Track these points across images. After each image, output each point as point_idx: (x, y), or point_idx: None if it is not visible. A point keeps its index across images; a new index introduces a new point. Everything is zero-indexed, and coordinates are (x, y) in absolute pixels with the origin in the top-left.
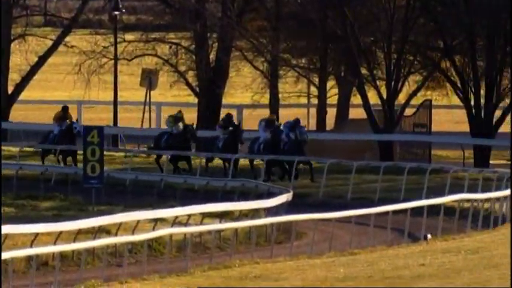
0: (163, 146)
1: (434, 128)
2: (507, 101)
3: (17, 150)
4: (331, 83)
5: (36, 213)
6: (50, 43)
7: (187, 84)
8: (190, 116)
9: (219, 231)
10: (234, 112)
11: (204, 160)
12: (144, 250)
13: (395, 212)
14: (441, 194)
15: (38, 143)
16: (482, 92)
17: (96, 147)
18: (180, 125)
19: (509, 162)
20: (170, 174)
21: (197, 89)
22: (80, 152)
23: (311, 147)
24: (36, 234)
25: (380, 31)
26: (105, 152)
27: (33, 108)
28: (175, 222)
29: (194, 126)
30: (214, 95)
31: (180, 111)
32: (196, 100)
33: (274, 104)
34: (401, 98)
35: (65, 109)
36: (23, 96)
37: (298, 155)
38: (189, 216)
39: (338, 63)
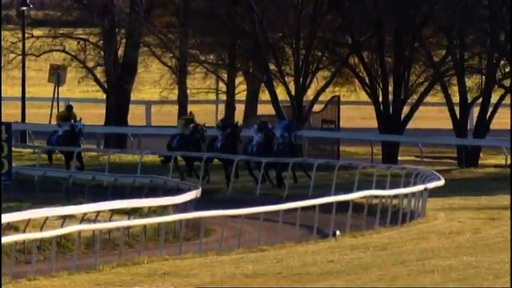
0: (176, 148)
1: (342, 124)
2: (415, 97)
3: None
4: (239, 78)
5: None
6: None
7: (96, 80)
8: (98, 112)
9: (127, 228)
10: (142, 109)
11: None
12: (53, 247)
13: (304, 208)
14: (350, 190)
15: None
16: (390, 88)
17: (4, 144)
18: (190, 127)
19: (418, 159)
20: (78, 171)
21: (105, 85)
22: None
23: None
24: None
25: (288, 27)
26: (13, 149)
27: None
28: (84, 219)
29: (204, 127)
30: (122, 91)
31: (191, 113)
32: (104, 96)
33: (182, 100)
34: (310, 94)
35: (69, 108)
36: None
37: (292, 157)
38: (98, 212)
39: (246, 59)
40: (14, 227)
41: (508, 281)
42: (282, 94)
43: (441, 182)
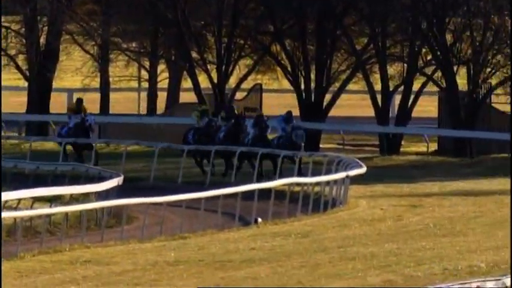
0: (191, 142)
1: (265, 112)
2: (337, 84)
3: None
4: (161, 66)
5: None
6: None
7: (17, 68)
8: (20, 100)
9: (49, 216)
10: (64, 96)
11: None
12: None
13: (226, 195)
14: (272, 177)
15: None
16: (313, 76)
17: None
18: (205, 119)
19: (339, 146)
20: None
21: (27, 73)
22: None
23: (142, 131)
24: None
25: (210, 15)
26: None
27: None
28: (5, 206)
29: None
30: (44, 79)
31: (205, 105)
32: (26, 84)
33: (104, 88)
34: (232, 82)
35: (79, 101)
36: None
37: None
38: (19, 200)
39: (169, 47)
40: None
41: (428, 268)
42: (204, 82)
43: (363, 170)
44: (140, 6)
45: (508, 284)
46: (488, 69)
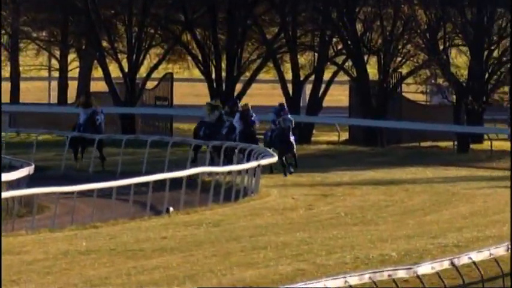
0: (202, 136)
1: (175, 101)
2: (248, 74)
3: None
4: (72, 55)
5: None
6: None
7: None
8: None
9: None
10: None
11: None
12: None
13: (137, 185)
14: (183, 167)
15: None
16: (224, 65)
17: None
18: (216, 113)
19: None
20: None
21: None
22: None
23: (50, 121)
24: None
25: (120, 4)
26: None
27: None
28: None
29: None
30: None
31: (217, 100)
32: None
33: (14, 77)
34: (143, 71)
35: (88, 95)
36: None
37: (287, 144)
38: None
39: (79, 36)
40: None
41: (340, 257)
42: (115, 71)
43: (274, 159)
44: None
45: (419, 272)
46: (399, 59)
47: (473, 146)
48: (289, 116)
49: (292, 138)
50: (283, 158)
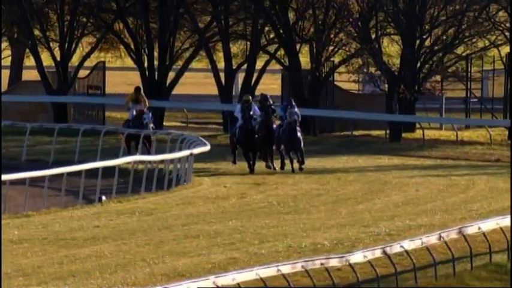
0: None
1: (108, 90)
2: (180, 62)
3: None
4: (4, 44)
5: None
6: None
7: None
8: None
9: None
10: None
11: None
12: None
13: (70, 173)
14: (116, 155)
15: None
16: (156, 54)
17: None
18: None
19: (183, 124)
20: None
21: None
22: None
23: None
24: None
25: None
26: None
27: None
28: None
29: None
30: None
31: (247, 95)
32: None
33: None
34: (75, 60)
35: (137, 90)
36: None
37: (294, 140)
38: None
39: (11, 25)
40: None
41: (272, 245)
42: (47, 60)
43: (207, 148)
44: None
45: (351, 261)
46: (331, 48)
47: (405, 135)
48: (296, 109)
49: (299, 134)
50: (290, 154)
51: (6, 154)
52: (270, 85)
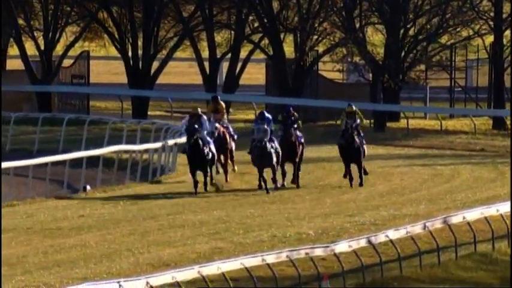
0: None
1: (92, 80)
2: (165, 52)
3: None
4: None
5: None
6: None
7: None
8: None
9: None
10: None
11: None
12: None
13: (54, 163)
14: (100, 145)
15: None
16: (140, 43)
17: None
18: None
19: (167, 114)
20: None
21: None
22: None
23: None
24: None
25: None
26: None
27: None
28: None
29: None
30: None
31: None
32: None
33: None
34: (59, 49)
35: (215, 99)
36: None
37: (263, 157)
38: None
39: None
40: None
41: (257, 235)
42: (31, 49)
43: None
44: None
45: (336, 251)
46: (315, 37)
47: (390, 124)
48: (265, 125)
49: (269, 147)
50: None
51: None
52: (255, 74)
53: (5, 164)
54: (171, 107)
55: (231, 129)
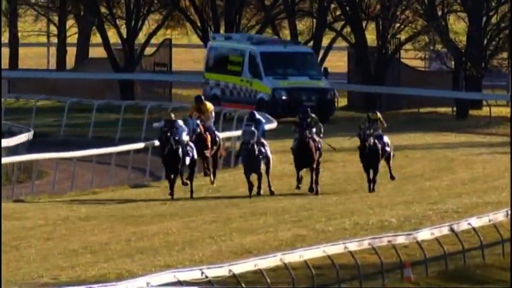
0: None
1: (174, 67)
2: None
3: None
4: (70, 21)
5: None
6: None
7: None
8: None
9: None
10: None
11: None
12: None
13: (136, 151)
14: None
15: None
16: (222, 31)
17: None
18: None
19: None
20: None
21: None
22: None
23: (49, 87)
24: None
25: None
26: None
27: None
28: None
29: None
30: None
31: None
32: None
33: (13, 43)
34: (141, 37)
35: (198, 99)
36: None
37: (251, 161)
38: None
39: (77, 2)
40: None
41: (339, 223)
42: (113, 37)
43: (274, 125)
44: None
45: (419, 238)
46: (397, 25)
47: (472, 112)
48: (252, 128)
49: (257, 150)
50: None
51: (74, 131)
52: (336, 62)
53: (87, 152)
54: None
55: (214, 130)
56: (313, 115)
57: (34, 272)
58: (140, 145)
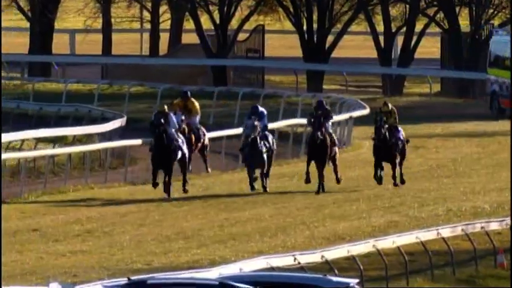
0: None
1: (267, 53)
2: (339, 26)
3: None
4: (163, 7)
5: None
6: None
7: (19, 8)
8: (22, 41)
9: (52, 156)
10: (66, 37)
11: None
12: None
13: (229, 137)
14: (275, 119)
15: None
16: (315, 17)
17: None
18: None
19: (342, 87)
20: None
21: (29, 14)
22: None
23: (144, 72)
24: None
25: None
26: None
27: None
28: (9, 147)
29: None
30: (46, 20)
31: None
32: (28, 25)
33: (106, 29)
34: (234, 23)
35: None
36: None
37: (255, 156)
38: (23, 141)
39: None
40: None
41: (432, 209)
42: (206, 23)
43: (366, 111)
44: None
45: None
46: (491, 11)
47: None
48: (255, 122)
49: (260, 145)
50: (253, 172)
51: None
52: (430, 48)
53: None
54: (345, 80)
55: (199, 126)
56: (328, 107)
57: (128, 258)
58: (233, 131)
